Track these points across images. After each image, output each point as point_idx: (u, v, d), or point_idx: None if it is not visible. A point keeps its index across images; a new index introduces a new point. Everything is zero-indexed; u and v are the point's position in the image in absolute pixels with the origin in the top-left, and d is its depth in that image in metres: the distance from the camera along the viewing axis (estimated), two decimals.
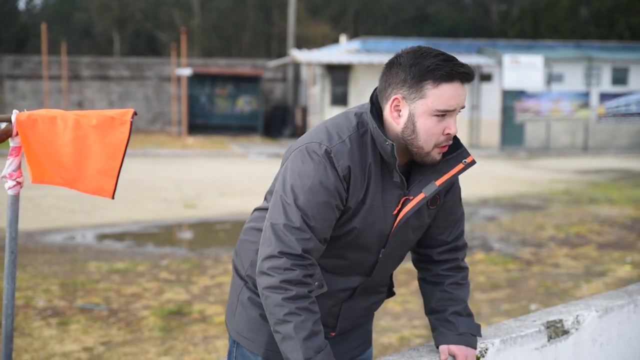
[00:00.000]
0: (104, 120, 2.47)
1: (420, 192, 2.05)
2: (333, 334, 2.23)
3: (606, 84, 24.70)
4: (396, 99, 2.00)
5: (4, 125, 2.67)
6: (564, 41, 29.40)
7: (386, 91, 2.02)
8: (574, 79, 24.43)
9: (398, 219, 2.06)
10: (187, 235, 9.58)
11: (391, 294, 2.35)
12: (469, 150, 16.54)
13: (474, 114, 24.06)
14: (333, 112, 25.69)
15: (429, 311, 2.29)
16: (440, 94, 1.95)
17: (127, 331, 5.33)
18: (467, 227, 9.96)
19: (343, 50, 25.66)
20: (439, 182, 2.05)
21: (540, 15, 40.73)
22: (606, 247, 8.49)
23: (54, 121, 2.52)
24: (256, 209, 2.27)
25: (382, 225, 2.06)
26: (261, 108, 29.12)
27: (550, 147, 23.83)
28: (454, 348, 2.22)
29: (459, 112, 2.04)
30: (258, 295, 2.13)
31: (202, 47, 42.70)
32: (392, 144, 1.99)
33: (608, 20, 38.61)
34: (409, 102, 1.98)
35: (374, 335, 5.30)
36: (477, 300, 6.22)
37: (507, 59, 22.80)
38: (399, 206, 2.05)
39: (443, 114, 1.98)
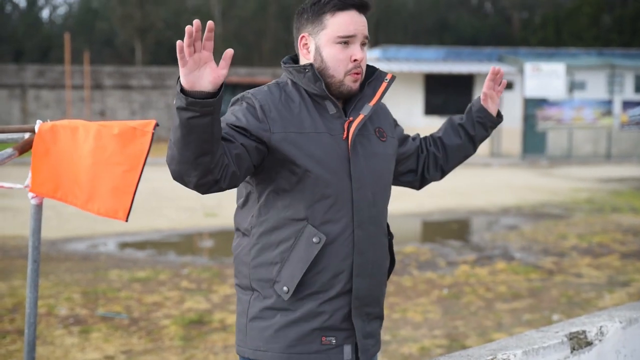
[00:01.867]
0: (126, 130, 2.47)
1: (359, 114, 2.18)
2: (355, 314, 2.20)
3: (629, 92, 24.50)
4: (303, 37, 2.20)
5: (27, 135, 2.70)
6: (587, 49, 29.23)
7: (296, 36, 2.22)
8: (596, 86, 24.25)
9: (350, 139, 2.15)
10: (208, 244, 9.61)
11: (392, 257, 2.36)
12: (490, 160, 16.43)
13: None
14: None
15: (453, 135, 2.57)
16: (338, 21, 2.14)
17: (148, 340, 5.35)
18: (488, 236, 9.90)
19: None
20: (372, 103, 2.20)
21: (563, 22, 40.53)
22: (629, 256, 8.40)
23: (76, 132, 2.53)
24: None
25: (338, 149, 2.14)
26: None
27: (572, 155, 23.65)
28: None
29: (365, 42, 2.18)
30: (271, 302, 2.15)
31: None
32: (311, 64, 2.15)
33: (631, 27, 38.32)
34: (313, 36, 2.17)
35: (394, 346, 5.28)
36: (499, 310, 6.18)
37: (529, 67, 22.68)
38: (345, 131, 2.16)
39: (345, 41, 2.14)
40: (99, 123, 2.53)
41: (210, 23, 1.83)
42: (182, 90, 1.86)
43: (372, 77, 2.25)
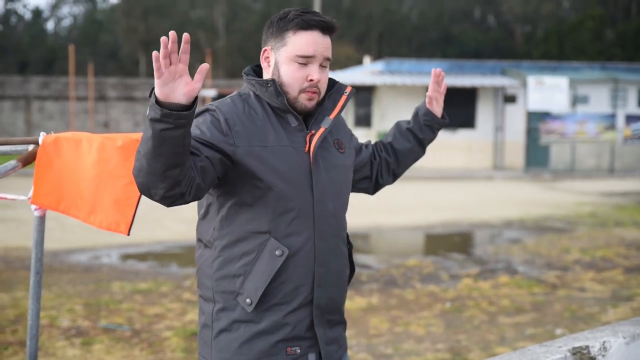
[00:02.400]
0: (129, 142, 2.48)
1: (320, 126, 2.21)
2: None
3: (632, 106, 24.50)
4: (265, 50, 2.23)
5: (31, 147, 2.70)
6: (590, 63, 29.25)
7: (262, 48, 2.26)
8: (599, 100, 24.26)
9: (311, 152, 2.18)
10: None
11: (352, 266, 2.40)
12: (493, 173, 16.39)
13: (498, 136, 23.96)
14: (356, 133, 25.70)
15: (401, 139, 2.66)
16: (299, 41, 2.15)
17: (150, 352, 5.34)
18: (491, 249, 9.88)
19: (367, 72, 25.73)
20: (332, 116, 2.24)
21: (565, 36, 40.62)
22: (633, 271, 8.38)
23: (80, 144, 2.53)
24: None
25: (300, 161, 2.17)
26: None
27: (575, 169, 23.64)
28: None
29: (325, 64, 2.21)
30: (235, 315, 2.17)
31: (226, 68, 43.04)
32: (273, 80, 2.18)
33: (634, 41, 38.37)
34: (274, 51, 2.20)
35: (396, 359, 5.26)
36: (502, 324, 6.16)
37: (532, 80, 22.71)
38: (307, 144, 2.19)
39: (304, 61, 2.16)
40: (103, 135, 2.54)
41: (185, 35, 1.85)
42: (157, 102, 1.85)
43: (332, 90, 2.28)
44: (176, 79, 1.86)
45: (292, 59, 2.16)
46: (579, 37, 39.59)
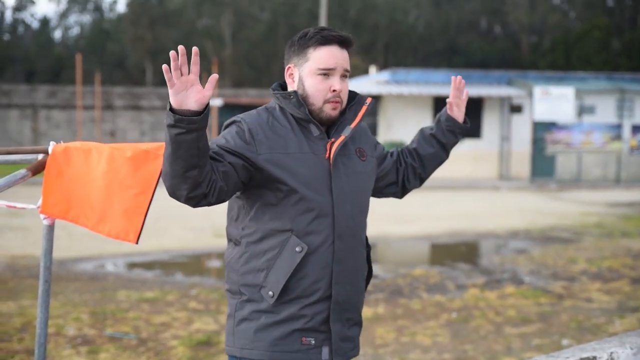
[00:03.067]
0: (139, 153, 2.50)
1: (340, 135, 2.39)
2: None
3: (639, 116, 24.45)
4: (289, 67, 2.42)
5: (41, 156, 2.72)
6: (596, 73, 29.23)
7: (285, 66, 2.44)
8: (605, 111, 24.23)
9: (331, 158, 2.36)
10: (217, 264, 9.61)
11: (370, 268, 2.57)
12: (498, 183, 16.45)
13: (504, 146, 23.94)
14: None
15: (426, 145, 2.84)
16: (320, 55, 2.35)
17: None
18: (497, 259, 9.87)
19: (373, 81, 25.76)
20: (352, 125, 2.41)
21: (572, 47, 40.61)
22: (639, 282, 8.35)
23: (89, 154, 2.55)
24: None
25: (321, 167, 2.35)
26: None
27: (581, 179, 23.60)
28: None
29: (345, 75, 2.40)
30: (257, 306, 2.36)
31: (233, 77, 43.15)
32: (295, 91, 2.37)
33: None
34: (298, 67, 2.39)
35: None
36: (508, 335, 6.15)
37: (538, 90, 22.71)
38: (328, 151, 2.37)
39: (326, 73, 2.35)
40: (112, 146, 2.56)
41: (195, 48, 2.06)
42: (171, 109, 2.06)
43: (353, 101, 2.46)
44: (188, 88, 2.06)
45: (315, 72, 2.36)
46: (585, 47, 39.58)
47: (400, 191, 2.80)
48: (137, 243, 2.59)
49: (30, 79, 46.36)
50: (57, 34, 58.85)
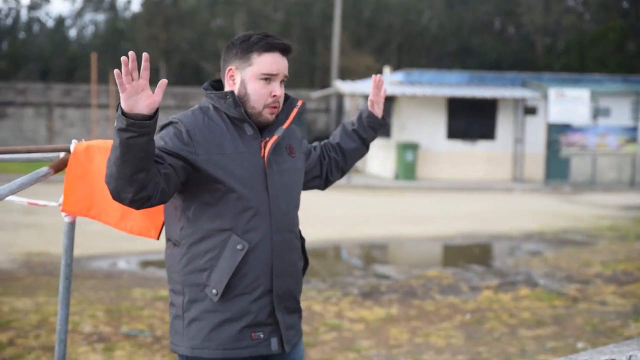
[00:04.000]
0: None
1: (273, 135, 2.50)
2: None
3: None
4: (230, 69, 2.50)
5: (62, 154, 2.74)
6: (611, 75, 29.08)
7: (224, 67, 2.52)
8: (621, 113, 24.10)
9: (265, 157, 2.47)
10: None
11: (306, 259, 2.69)
12: (512, 185, 16.43)
13: (517, 148, 23.86)
14: (375, 143, 25.68)
15: (347, 139, 2.99)
16: (264, 61, 2.45)
17: (171, 359, 5.36)
18: (511, 261, 9.84)
19: (386, 82, 25.74)
20: (284, 126, 2.53)
21: (586, 48, 40.41)
22: None
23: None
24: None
25: (256, 165, 2.46)
26: (304, 138, 29.24)
27: (596, 182, 23.48)
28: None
29: (284, 80, 2.51)
30: (204, 305, 2.43)
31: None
32: (232, 92, 2.45)
33: None
34: (240, 71, 2.48)
35: None
36: (522, 337, 6.14)
37: (553, 92, 22.61)
38: (262, 149, 2.47)
39: (268, 78, 2.46)
40: None
41: (145, 54, 2.12)
42: (123, 113, 2.11)
43: (285, 102, 2.58)
44: (139, 92, 2.13)
45: (258, 77, 2.46)
46: (600, 50, 39.37)
47: (324, 183, 2.93)
48: (158, 239, 2.63)
49: (45, 78, 46.61)
50: (72, 33, 59.14)
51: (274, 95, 2.47)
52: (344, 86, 24.71)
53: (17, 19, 53.65)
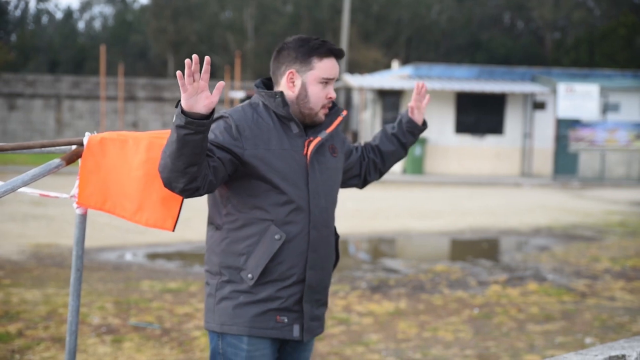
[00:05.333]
0: None
1: (317, 136, 2.64)
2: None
3: None
4: (291, 72, 2.61)
5: (74, 146, 2.74)
6: (621, 70, 28.95)
7: (280, 69, 2.63)
8: (631, 108, 24.00)
9: (308, 155, 2.61)
10: None
11: (337, 254, 2.81)
12: (521, 180, 16.45)
13: (526, 143, 23.81)
14: None
15: (388, 142, 3.08)
16: (324, 66, 2.61)
17: (180, 351, 5.38)
18: (519, 256, 9.83)
19: (395, 76, 25.71)
20: (328, 130, 2.69)
21: (596, 44, 40.24)
22: None
23: (125, 144, 2.57)
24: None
25: (299, 163, 2.59)
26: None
27: (604, 177, 23.41)
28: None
29: (335, 81, 2.67)
30: (237, 286, 2.58)
31: (255, 70, 43.18)
32: (281, 92, 2.59)
33: None
34: (301, 74, 2.61)
35: None
36: (531, 332, 6.13)
37: (562, 87, 22.53)
38: (306, 148, 2.61)
39: (326, 82, 2.61)
40: (151, 134, 2.58)
41: (207, 58, 2.24)
42: (182, 112, 2.25)
43: (332, 109, 2.72)
44: (199, 93, 2.26)
45: (318, 81, 2.60)
46: (610, 45, 39.18)
47: (362, 183, 3.05)
48: (173, 230, 2.65)
49: (54, 70, 46.71)
50: (81, 25, 59.21)
51: (330, 97, 2.63)
52: (352, 80, 24.68)
53: (26, 11, 53.76)
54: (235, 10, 47.96)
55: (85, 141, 2.62)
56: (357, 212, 13.62)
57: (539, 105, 23.95)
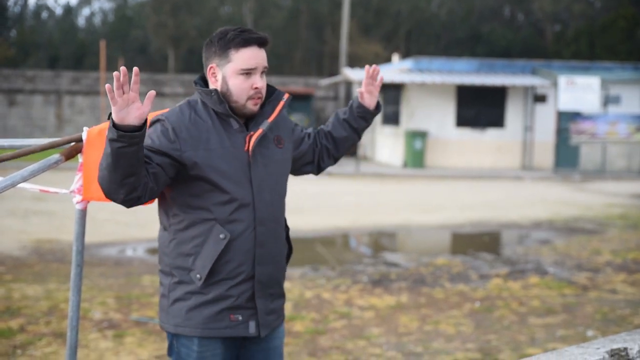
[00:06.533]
0: None
1: (258, 128, 2.58)
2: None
3: None
4: (212, 67, 2.57)
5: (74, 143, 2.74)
6: (622, 63, 28.89)
7: (205, 65, 2.59)
8: (631, 101, 23.96)
9: (250, 151, 2.56)
10: None
11: (289, 247, 2.81)
12: (521, 173, 16.40)
13: (527, 136, 23.78)
14: (384, 131, 25.66)
15: (340, 127, 3.01)
16: (242, 56, 2.51)
17: None
18: (521, 249, 9.82)
19: (395, 70, 25.67)
20: (270, 119, 2.61)
21: (596, 36, 40.16)
22: None
23: None
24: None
25: (240, 160, 2.55)
26: (313, 126, 29.23)
27: (605, 170, 23.39)
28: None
29: (264, 71, 2.57)
30: (188, 287, 2.57)
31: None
32: (216, 90, 2.53)
33: None
34: (220, 68, 2.55)
35: (426, 358, 5.27)
36: (532, 325, 6.13)
37: (563, 80, 22.49)
38: (247, 143, 2.56)
39: (248, 73, 2.52)
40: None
41: (135, 69, 2.22)
42: (114, 125, 2.22)
43: (271, 96, 2.65)
44: (129, 104, 2.22)
45: (238, 72, 2.52)
46: (610, 37, 39.10)
47: (316, 169, 3.00)
48: None
49: (54, 65, 46.67)
50: (81, 20, 59.14)
51: (255, 88, 2.54)
52: (352, 73, 24.64)
53: (26, 6, 53.68)
54: (235, 4, 47.89)
55: (84, 136, 2.61)
56: (357, 206, 13.62)
57: (540, 98, 23.92)
